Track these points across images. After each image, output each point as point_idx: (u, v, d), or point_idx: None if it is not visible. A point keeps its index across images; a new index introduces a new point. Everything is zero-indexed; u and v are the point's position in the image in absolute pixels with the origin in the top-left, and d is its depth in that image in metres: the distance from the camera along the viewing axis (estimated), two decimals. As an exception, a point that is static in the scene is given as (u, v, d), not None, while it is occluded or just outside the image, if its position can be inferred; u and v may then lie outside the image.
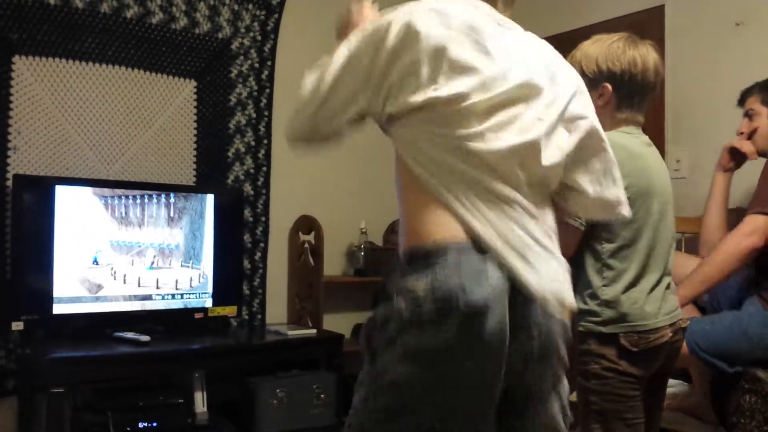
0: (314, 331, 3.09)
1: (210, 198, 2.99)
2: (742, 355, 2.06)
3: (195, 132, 3.14)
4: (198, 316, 2.94)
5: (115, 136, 2.92)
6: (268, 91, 3.34)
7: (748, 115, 2.41)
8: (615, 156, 1.60)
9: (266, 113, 3.33)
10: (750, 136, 2.41)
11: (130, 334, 2.61)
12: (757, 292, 2.16)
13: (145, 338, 2.57)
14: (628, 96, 1.72)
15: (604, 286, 1.64)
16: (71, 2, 2.79)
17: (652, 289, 1.66)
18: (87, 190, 2.70)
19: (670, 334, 1.66)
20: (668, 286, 1.71)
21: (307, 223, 3.33)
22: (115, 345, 2.58)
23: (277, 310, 3.35)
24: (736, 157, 2.45)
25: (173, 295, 2.88)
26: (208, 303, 2.96)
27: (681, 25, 3.05)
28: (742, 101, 2.45)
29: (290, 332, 3.00)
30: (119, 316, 2.73)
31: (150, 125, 3.02)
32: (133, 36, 2.95)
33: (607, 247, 1.64)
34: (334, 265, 3.46)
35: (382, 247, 3.50)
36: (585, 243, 1.66)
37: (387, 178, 4.14)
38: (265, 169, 3.32)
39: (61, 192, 2.62)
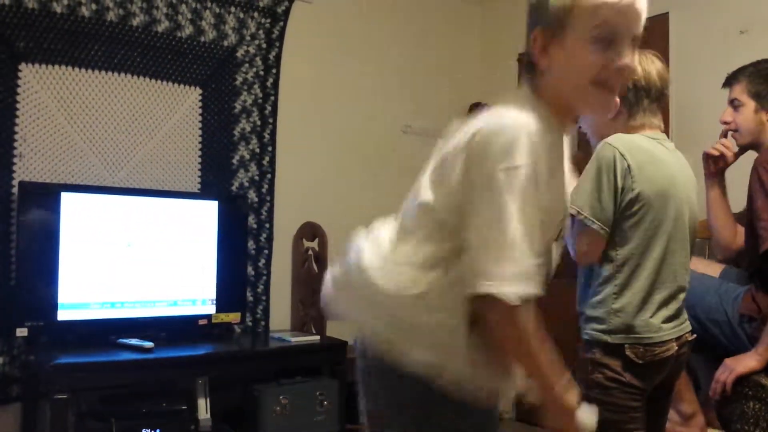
0: (318, 337, 3.09)
1: (214, 205, 3.00)
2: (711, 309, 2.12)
3: (200, 139, 3.15)
4: (202, 322, 2.94)
5: (121, 143, 2.94)
6: (273, 98, 3.35)
7: (733, 105, 2.27)
8: (637, 158, 1.60)
9: (271, 120, 3.35)
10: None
11: (133, 341, 2.62)
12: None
13: (149, 345, 2.58)
14: (636, 102, 1.71)
15: (614, 294, 1.61)
16: (78, 10, 2.81)
17: (662, 300, 1.63)
18: (92, 197, 2.71)
19: (676, 348, 1.64)
20: (678, 299, 1.67)
21: (311, 230, 3.33)
22: (118, 351, 2.58)
23: (280, 316, 3.35)
24: (718, 162, 2.33)
25: (177, 302, 2.89)
26: (212, 309, 2.97)
27: (685, 32, 3.05)
28: (728, 84, 2.31)
29: (294, 339, 3.01)
30: (123, 322, 2.74)
31: (155, 132, 3.03)
32: (139, 44, 2.97)
33: (621, 253, 1.62)
34: (338, 272, 3.46)
35: (386, 255, 3.49)
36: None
37: (391, 185, 4.09)
38: (269, 176, 3.33)
39: (67, 199, 2.64)
